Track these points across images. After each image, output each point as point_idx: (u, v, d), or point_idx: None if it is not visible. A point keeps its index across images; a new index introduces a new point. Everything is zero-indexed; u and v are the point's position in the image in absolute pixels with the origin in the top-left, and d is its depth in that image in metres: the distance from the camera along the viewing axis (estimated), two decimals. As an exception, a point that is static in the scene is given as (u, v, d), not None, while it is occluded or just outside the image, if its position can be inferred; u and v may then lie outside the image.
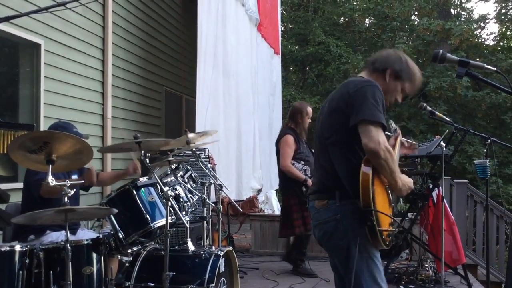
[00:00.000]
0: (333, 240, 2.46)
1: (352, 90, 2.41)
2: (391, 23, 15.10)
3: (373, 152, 2.26)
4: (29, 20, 4.75)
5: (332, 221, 2.43)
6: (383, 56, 2.62)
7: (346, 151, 2.42)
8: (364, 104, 2.32)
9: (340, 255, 2.47)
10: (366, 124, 2.28)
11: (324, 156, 2.51)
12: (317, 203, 2.52)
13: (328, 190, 2.46)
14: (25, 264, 2.83)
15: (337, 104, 2.46)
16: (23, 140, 2.67)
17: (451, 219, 5.16)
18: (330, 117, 2.49)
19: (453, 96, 13.90)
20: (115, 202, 3.23)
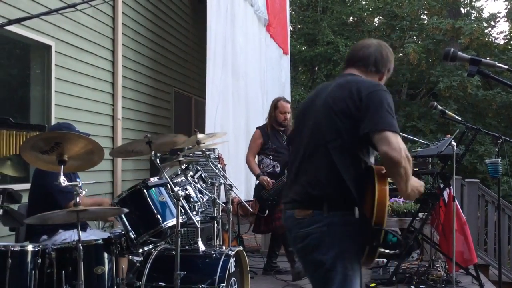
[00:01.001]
0: (315, 254, 2.23)
1: (364, 93, 2.21)
2: (401, 22, 15.05)
3: (394, 161, 2.07)
4: (40, 22, 4.79)
5: (317, 233, 2.20)
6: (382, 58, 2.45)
7: (351, 156, 2.23)
8: (380, 111, 2.16)
9: (319, 270, 2.25)
10: (384, 131, 2.11)
11: (319, 161, 2.26)
12: (299, 212, 2.27)
13: (315, 200, 2.23)
14: (37, 264, 2.85)
15: (344, 105, 2.23)
16: (35, 141, 2.70)
17: (463, 219, 5.12)
18: (334, 119, 2.25)
19: (463, 96, 13.81)
20: (126, 202, 3.24)
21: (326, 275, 2.20)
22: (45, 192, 3.42)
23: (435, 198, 5.07)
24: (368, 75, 2.42)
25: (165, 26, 7.84)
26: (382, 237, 2.08)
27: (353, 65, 2.46)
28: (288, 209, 2.35)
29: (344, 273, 2.18)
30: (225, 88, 6.66)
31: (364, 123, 2.16)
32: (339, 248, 2.18)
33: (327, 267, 2.19)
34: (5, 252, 2.76)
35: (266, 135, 5.30)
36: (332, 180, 2.21)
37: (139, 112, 6.93)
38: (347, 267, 2.19)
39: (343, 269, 2.18)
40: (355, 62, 2.46)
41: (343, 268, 2.18)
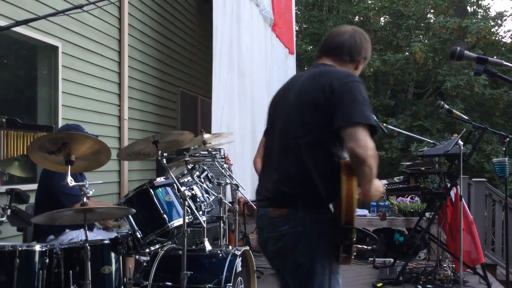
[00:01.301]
0: (292, 255, 2.14)
1: (336, 85, 2.09)
2: (407, 21, 14.98)
3: (360, 159, 1.98)
4: (47, 23, 4.81)
5: (293, 233, 2.11)
6: (356, 45, 2.30)
7: (322, 152, 2.13)
8: (353, 103, 2.04)
9: (297, 272, 2.16)
10: (355, 126, 2.00)
11: (290, 157, 2.16)
12: (273, 211, 2.17)
13: (289, 198, 2.13)
14: (45, 264, 2.87)
15: (314, 98, 2.12)
16: (43, 141, 2.71)
17: (470, 218, 5.10)
18: (303, 113, 2.15)
19: (470, 95, 13.75)
20: (133, 202, 3.25)
21: (306, 275, 2.13)
22: (52, 193, 3.44)
23: (442, 197, 5.06)
24: (342, 64, 2.29)
25: (171, 26, 7.85)
26: (355, 235, 2.01)
27: (326, 55, 2.32)
28: (261, 207, 2.25)
29: (323, 273, 2.11)
30: (231, 88, 6.66)
31: (337, 116, 2.05)
32: (317, 248, 2.11)
33: (306, 268, 2.12)
34: (13, 252, 2.77)
35: None
36: (304, 177, 2.11)
37: (146, 112, 6.95)
38: (326, 266, 2.12)
39: (322, 268, 2.11)
40: (328, 51, 2.32)
41: (322, 267, 2.11)
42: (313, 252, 2.11)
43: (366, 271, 5.73)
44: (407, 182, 5.74)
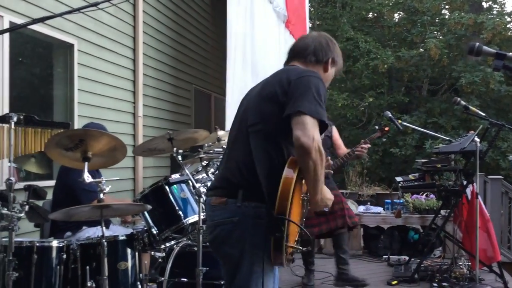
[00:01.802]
0: (224, 246, 2.09)
1: (293, 77, 2.06)
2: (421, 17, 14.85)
3: (304, 148, 1.89)
4: (63, 21, 4.85)
5: (228, 223, 2.04)
6: (321, 46, 2.29)
7: (270, 145, 2.04)
8: (305, 95, 1.99)
9: (227, 264, 2.12)
10: (304, 115, 1.93)
11: (240, 146, 2.11)
12: (214, 200, 2.12)
13: (230, 187, 2.07)
14: (62, 260, 2.91)
15: (272, 90, 2.09)
16: (60, 138, 2.74)
17: (486, 216, 5.05)
18: (260, 103, 2.11)
19: (485, 91, 13.59)
20: (148, 199, 3.28)
21: (233, 269, 2.06)
22: (69, 190, 3.47)
23: (458, 195, 5.01)
24: (309, 66, 2.26)
25: (185, 24, 7.87)
26: (286, 228, 1.88)
27: (293, 58, 2.32)
28: (208, 196, 2.21)
29: (250, 269, 2.01)
30: (245, 86, 6.65)
31: (288, 106, 2.00)
32: (249, 242, 2.01)
33: (235, 261, 2.04)
34: (30, 247, 2.82)
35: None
36: (248, 167, 2.04)
37: (160, 109, 6.98)
38: (255, 263, 2.00)
39: (250, 265, 2.01)
40: (294, 55, 2.32)
41: (250, 264, 2.01)
42: (244, 246, 2.02)
43: (380, 269, 5.71)
44: (422, 180, 5.70)
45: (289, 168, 1.94)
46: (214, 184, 2.22)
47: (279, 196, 1.89)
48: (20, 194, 2.87)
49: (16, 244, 2.68)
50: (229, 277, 2.10)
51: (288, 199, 1.88)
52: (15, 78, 4.40)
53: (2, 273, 2.65)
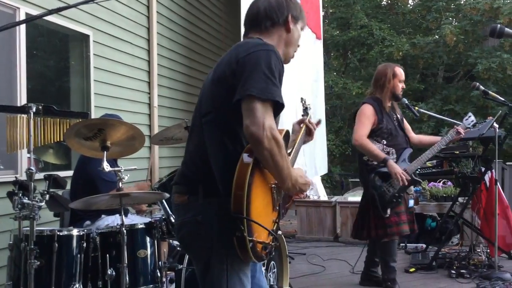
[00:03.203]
0: (192, 246, 1.95)
1: (242, 54, 1.82)
2: (436, 3, 14.67)
3: (254, 138, 1.71)
4: (78, 12, 4.87)
5: (193, 223, 1.87)
6: (272, 5, 2.01)
7: (225, 134, 1.84)
8: (254, 74, 1.75)
9: (196, 264, 1.97)
10: (253, 100, 1.72)
11: (195, 138, 1.94)
12: (176, 198, 1.96)
13: (190, 183, 1.90)
14: (82, 248, 2.94)
15: (222, 72, 1.86)
16: (79, 128, 2.76)
17: (505, 203, 5.01)
18: (211, 88, 1.90)
19: (502, 77, 13.42)
20: (166, 187, 3.29)
21: (203, 269, 1.91)
22: (88, 179, 3.50)
23: (476, 181, 4.97)
24: (267, 33, 2.01)
25: (199, 13, 7.86)
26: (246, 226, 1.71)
27: (249, 30, 2.06)
28: (172, 193, 2.01)
29: (220, 268, 1.85)
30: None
31: (237, 89, 1.77)
32: (216, 241, 1.84)
33: (204, 261, 1.89)
34: (51, 236, 2.84)
35: (380, 112, 4.15)
36: (204, 160, 1.87)
37: (175, 100, 6.99)
38: (224, 261, 1.84)
39: (220, 264, 1.85)
40: (250, 25, 2.05)
41: (220, 263, 1.85)
42: (211, 245, 1.85)
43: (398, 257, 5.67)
44: (440, 167, 5.65)
45: (248, 154, 1.76)
46: (175, 179, 2.00)
47: (234, 191, 1.72)
48: (40, 184, 2.90)
49: (37, 233, 2.70)
50: (200, 277, 1.94)
51: (244, 193, 1.70)
52: (32, 70, 4.43)
53: (24, 262, 2.68)
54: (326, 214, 6.76)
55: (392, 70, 4.21)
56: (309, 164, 8.71)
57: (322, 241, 6.56)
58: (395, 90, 4.20)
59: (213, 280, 1.87)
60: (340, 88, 14.84)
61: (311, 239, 6.67)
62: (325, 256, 5.73)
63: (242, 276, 1.89)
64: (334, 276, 4.99)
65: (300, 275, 4.97)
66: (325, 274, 5.06)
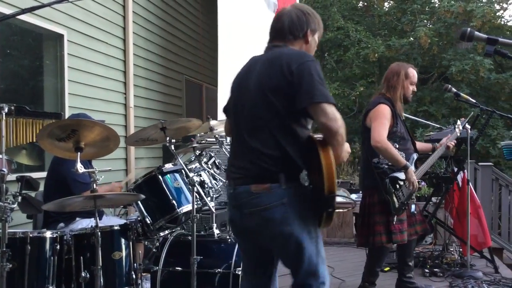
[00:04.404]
0: (278, 226, 2.23)
1: (293, 67, 2.21)
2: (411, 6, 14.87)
3: (333, 131, 2.17)
4: (52, 11, 4.80)
5: (279, 206, 2.21)
6: (294, 22, 2.40)
7: (292, 132, 2.26)
8: (311, 84, 2.19)
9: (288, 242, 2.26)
10: (320, 103, 2.17)
11: (263, 139, 2.27)
12: (255, 187, 2.24)
13: (271, 173, 2.23)
14: (55, 250, 2.89)
15: (276, 84, 2.24)
16: (52, 128, 2.72)
17: (477, 202, 5.11)
18: (268, 98, 2.25)
19: (475, 79, 13.67)
20: (142, 189, 3.27)
21: (296, 245, 2.24)
22: (62, 180, 3.46)
23: (449, 182, 5.05)
24: (290, 43, 2.40)
25: (176, 13, 7.82)
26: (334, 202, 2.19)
27: (274, 39, 2.45)
28: (238, 185, 2.31)
29: (311, 240, 2.26)
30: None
31: (299, 97, 2.19)
32: (302, 217, 2.24)
33: (296, 237, 2.23)
34: (24, 238, 2.80)
35: (394, 114, 3.93)
36: (281, 154, 2.23)
37: (151, 100, 6.95)
38: (312, 233, 2.27)
39: (309, 236, 2.25)
40: (275, 36, 2.45)
41: (309, 234, 2.25)
42: (299, 221, 2.23)
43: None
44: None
45: (324, 149, 2.19)
46: (243, 173, 2.31)
47: (327, 178, 2.14)
48: (13, 186, 2.85)
49: (9, 236, 2.66)
50: (291, 254, 2.28)
51: (335, 179, 2.15)
52: (5, 70, 4.36)
53: (-4, 265, 2.63)
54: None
55: (405, 71, 4.08)
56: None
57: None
58: (406, 92, 4.05)
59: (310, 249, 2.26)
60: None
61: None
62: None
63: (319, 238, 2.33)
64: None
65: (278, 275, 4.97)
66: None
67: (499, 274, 4.83)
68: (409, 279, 4.21)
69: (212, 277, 3.24)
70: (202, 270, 3.19)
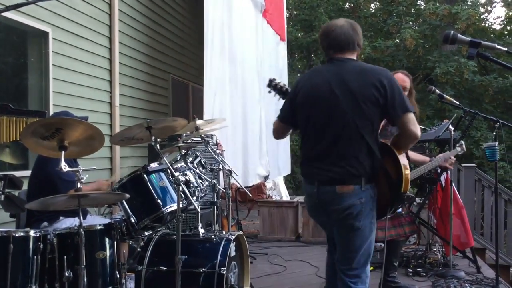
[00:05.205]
0: (353, 221, 2.70)
1: (385, 81, 2.64)
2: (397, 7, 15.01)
3: (417, 137, 2.66)
4: (37, 8, 4.76)
5: (358, 204, 2.68)
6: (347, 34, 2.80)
7: (375, 139, 2.70)
8: (401, 96, 2.64)
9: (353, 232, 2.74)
10: (409, 113, 2.63)
11: (352, 143, 2.67)
12: (340, 188, 2.69)
13: (355, 177, 2.67)
14: (39, 249, 2.87)
15: (370, 95, 2.63)
16: (36, 127, 2.69)
17: (460, 203, 5.17)
18: (361, 107, 2.64)
19: (460, 81, 13.83)
20: (126, 188, 3.25)
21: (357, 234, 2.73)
22: (46, 179, 3.42)
23: (433, 182, 5.10)
24: (350, 55, 2.83)
25: (162, 12, 7.80)
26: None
27: (341, 51, 2.82)
28: (324, 185, 2.74)
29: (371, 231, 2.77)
30: (223, 75, 6.65)
31: (393, 108, 2.63)
32: (371, 214, 2.74)
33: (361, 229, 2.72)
34: (7, 237, 2.77)
35: None
36: (367, 159, 2.68)
37: (137, 99, 6.92)
38: (373, 224, 2.78)
39: (370, 232, 2.76)
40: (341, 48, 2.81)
41: (370, 231, 2.76)
42: (369, 218, 2.73)
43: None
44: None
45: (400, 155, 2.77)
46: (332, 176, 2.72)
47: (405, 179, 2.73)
48: (-5, 184, 2.83)
49: (-9, 234, 2.64)
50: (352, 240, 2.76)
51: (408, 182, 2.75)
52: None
53: (-22, 264, 2.60)
54: (288, 215, 6.81)
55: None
56: (272, 165, 8.76)
57: (284, 241, 6.61)
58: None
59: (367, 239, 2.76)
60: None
61: (273, 239, 6.71)
62: (287, 256, 5.78)
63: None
64: (295, 275, 5.04)
65: (261, 275, 5.00)
66: (286, 274, 5.10)
67: (481, 274, 4.89)
68: (392, 278, 4.32)
69: (197, 277, 3.24)
70: (187, 270, 3.18)
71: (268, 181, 8.51)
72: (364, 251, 2.77)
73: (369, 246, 2.79)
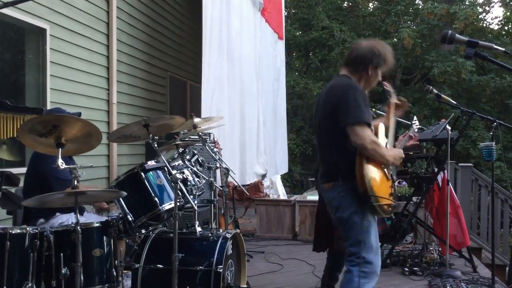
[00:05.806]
0: (338, 213, 3.05)
1: (338, 96, 2.96)
2: (395, 7, 15.00)
3: (361, 147, 2.86)
4: (34, 5, 4.75)
5: (337, 198, 3.02)
6: (360, 56, 3.06)
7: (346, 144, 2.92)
8: (348, 109, 2.88)
9: (342, 224, 3.06)
10: (352, 125, 2.86)
11: (330, 149, 3.07)
12: (326, 185, 3.12)
13: (334, 175, 3.05)
14: (35, 247, 2.86)
15: (330, 111, 2.99)
16: (33, 124, 2.68)
17: (456, 202, 5.17)
18: (327, 120, 3.04)
19: (457, 81, 13.84)
20: (123, 185, 3.25)
21: (347, 226, 3.01)
22: (43, 177, 3.41)
23: (430, 182, 5.11)
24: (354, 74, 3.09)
25: (160, 10, 7.79)
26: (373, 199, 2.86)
27: (343, 65, 3.18)
28: (320, 184, 3.21)
29: (360, 223, 2.95)
30: (221, 73, 6.64)
31: (340, 119, 2.91)
32: (353, 207, 2.96)
33: (346, 221, 3.00)
34: (3, 234, 2.76)
35: None
36: (341, 161, 2.99)
37: (134, 96, 6.91)
38: (363, 219, 2.95)
39: (359, 220, 2.95)
40: (344, 63, 3.18)
41: (360, 220, 2.95)
42: (351, 210, 2.97)
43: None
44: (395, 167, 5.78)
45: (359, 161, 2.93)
46: (322, 175, 3.17)
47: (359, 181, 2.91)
48: (-8, 181, 2.82)
49: (-12, 231, 2.63)
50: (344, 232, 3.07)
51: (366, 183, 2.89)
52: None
53: (-25, 261, 2.60)
54: (285, 213, 6.81)
55: None
56: (270, 163, 8.77)
57: (281, 240, 6.61)
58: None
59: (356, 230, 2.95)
60: (302, 88, 14.97)
61: (270, 238, 6.71)
62: (283, 254, 5.78)
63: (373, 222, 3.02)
64: (292, 274, 5.04)
65: (258, 273, 5.00)
66: (283, 272, 5.10)
67: (477, 273, 4.90)
68: None
69: (194, 275, 3.24)
70: (184, 268, 3.18)
71: (266, 179, 8.51)
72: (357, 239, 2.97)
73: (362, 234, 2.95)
